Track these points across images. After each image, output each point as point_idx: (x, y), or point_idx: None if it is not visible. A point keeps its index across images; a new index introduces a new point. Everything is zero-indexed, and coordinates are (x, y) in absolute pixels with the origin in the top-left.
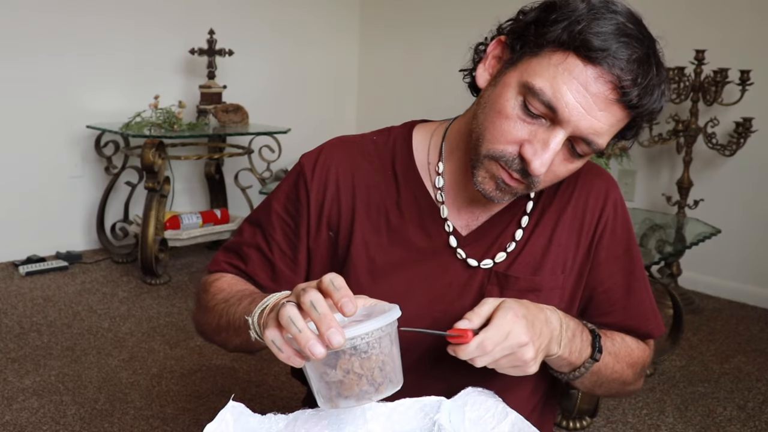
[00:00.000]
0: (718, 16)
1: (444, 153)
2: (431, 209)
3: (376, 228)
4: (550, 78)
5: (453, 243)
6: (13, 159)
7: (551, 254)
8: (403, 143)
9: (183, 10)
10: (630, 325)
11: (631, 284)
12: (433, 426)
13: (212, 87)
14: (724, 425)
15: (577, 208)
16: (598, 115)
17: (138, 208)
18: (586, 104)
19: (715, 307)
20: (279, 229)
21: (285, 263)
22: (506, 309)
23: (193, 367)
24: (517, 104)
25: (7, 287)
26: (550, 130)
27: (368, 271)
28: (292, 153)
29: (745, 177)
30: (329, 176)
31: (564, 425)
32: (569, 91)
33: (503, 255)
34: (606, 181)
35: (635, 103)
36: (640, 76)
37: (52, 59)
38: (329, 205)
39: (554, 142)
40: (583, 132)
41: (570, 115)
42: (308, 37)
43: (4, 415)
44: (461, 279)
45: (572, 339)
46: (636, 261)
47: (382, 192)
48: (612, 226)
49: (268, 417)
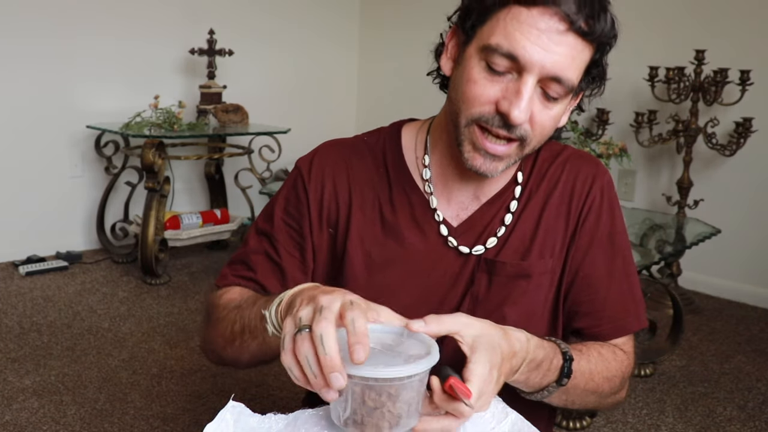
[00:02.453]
0: (718, 16)
1: (429, 146)
2: (421, 202)
3: (371, 223)
4: (502, 32)
5: (444, 232)
6: (14, 159)
7: (539, 238)
8: (393, 141)
9: (183, 10)
10: (607, 315)
11: (613, 272)
12: None
13: (212, 87)
14: (724, 425)
15: (564, 191)
16: (556, 49)
17: (138, 208)
18: (541, 42)
19: (715, 307)
20: (284, 233)
21: (294, 266)
22: (480, 357)
23: (193, 367)
24: (481, 68)
25: (7, 287)
26: (518, 80)
27: (365, 264)
28: (292, 153)
29: (745, 177)
30: (325, 176)
31: (564, 425)
32: (523, 36)
33: (494, 240)
34: (594, 166)
35: (586, 29)
36: (582, 4)
37: (52, 59)
38: (328, 203)
39: (525, 88)
40: (549, 70)
41: (531, 57)
42: (308, 37)
43: (4, 415)
44: (454, 268)
45: (532, 370)
46: (620, 249)
47: (375, 188)
48: (597, 212)
49: (268, 417)
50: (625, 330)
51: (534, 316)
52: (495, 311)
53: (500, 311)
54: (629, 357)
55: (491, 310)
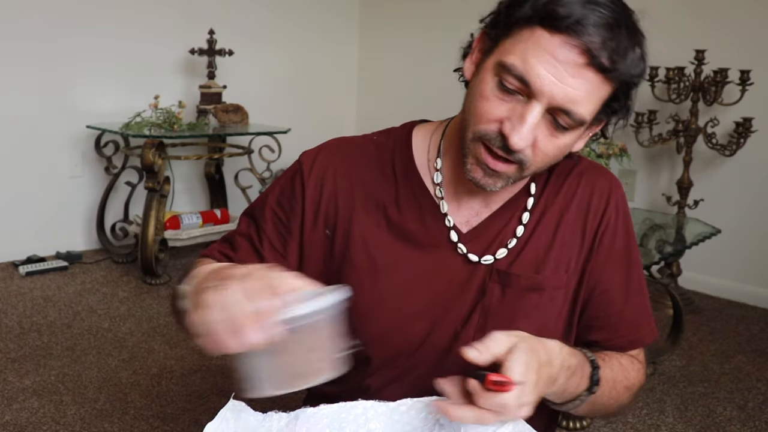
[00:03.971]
0: (718, 16)
1: (442, 150)
2: (431, 205)
3: (375, 226)
4: (520, 53)
5: (454, 238)
6: (14, 159)
7: (554, 252)
8: (403, 142)
9: (183, 10)
10: (624, 329)
11: (629, 287)
12: (434, 426)
13: (212, 87)
14: (724, 425)
15: (580, 206)
16: (570, 82)
17: (138, 208)
18: (556, 73)
19: (715, 307)
20: (270, 222)
21: (273, 256)
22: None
23: (193, 367)
24: (494, 84)
25: (7, 287)
26: (526, 104)
27: (369, 269)
28: (292, 153)
29: (745, 177)
30: (327, 175)
31: (564, 425)
32: (539, 62)
33: (504, 251)
34: (609, 180)
35: (608, 66)
36: (609, 39)
37: (52, 59)
38: (326, 204)
39: (531, 115)
40: (559, 102)
41: (542, 86)
42: (308, 37)
43: (4, 415)
44: (462, 275)
45: (570, 378)
46: (635, 264)
47: (381, 190)
48: (614, 227)
49: (269, 415)
50: (641, 342)
51: (546, 329)
52: (507, 324)
53: (513, 324)
54: (643, 367)
55: (503, 322)
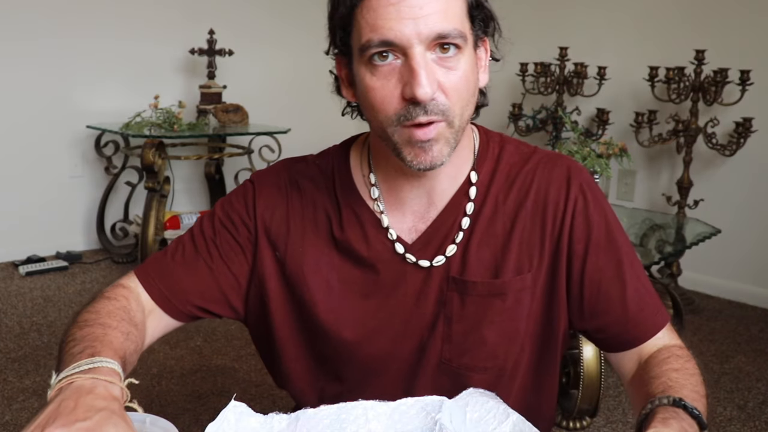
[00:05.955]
0: (718, 16)
1: (372, 163)
2: (373, 221)
3: (326, 247)
4: (367, 28)
5: (400, 250)
6: (14, 159)
7: (511, 253)
8: (341, 163)
9: (183, 10)
10: (631, 318)
11: (622, 274)
12: (434, 426)
13: (212, 87)
14: (724, 425)
15: (537, 202)
16: (420, 12)
17: (138, 208)
18: (405, 12)
19: (715, 307)
20: (220, 236)
21: (221, 270)
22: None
23: (193, 367)
24: (371, 73)
25: (7, 287)
26: (406, 60)
27: (325, 290)
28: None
29: (745, 177)
30: (278, 198)
31: (564, 425)
32: (384, 20)
33: (454, 247)
34: (567, 167)
35: None
36: None
37: (53, 59)
38: (277, 227)
39: (415, 62)
40: (427, 34)
41: (402, 33)
42: (308, 37)
43: (4, 415)
44: (417, 284)
45: None
46: (621, 248)
47: (327, 212)
48: (584, 214)
49: (270, 417)
50: (655, 328)
51: (517, 334)
52: (472, 332)
53: (478, 332)
54: (684, 350)
55: (468, 331)
